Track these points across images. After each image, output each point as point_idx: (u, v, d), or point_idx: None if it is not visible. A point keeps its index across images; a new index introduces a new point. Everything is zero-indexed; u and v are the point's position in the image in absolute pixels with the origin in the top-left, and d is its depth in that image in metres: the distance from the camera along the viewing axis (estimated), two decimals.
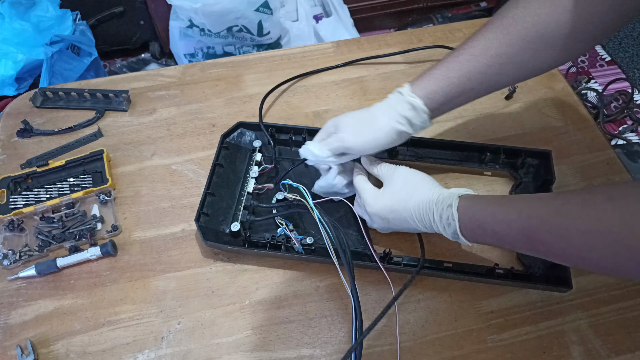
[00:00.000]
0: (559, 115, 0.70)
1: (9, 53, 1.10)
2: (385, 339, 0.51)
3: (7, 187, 0.62)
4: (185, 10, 1.22)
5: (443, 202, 0.47)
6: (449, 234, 0.47)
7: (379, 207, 0.51)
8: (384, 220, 0.52)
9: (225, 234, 0.57)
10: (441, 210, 0.47)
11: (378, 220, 0.52)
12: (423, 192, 0.49)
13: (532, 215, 0.40)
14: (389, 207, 0.50)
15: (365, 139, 0.51)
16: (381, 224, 0.53)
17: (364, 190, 0.53)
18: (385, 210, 0.51)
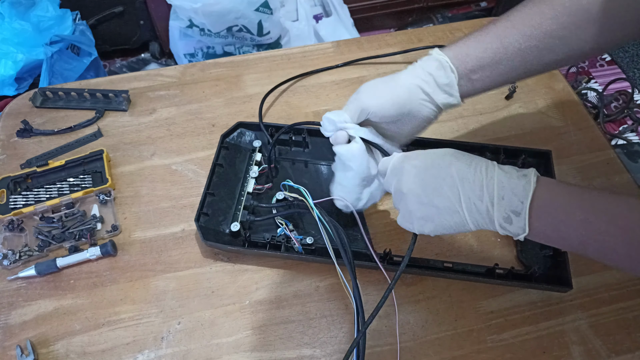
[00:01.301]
0: (559, 115, 0.70)
1: (8, 53, 1.09)
2: (386, 339, 0.51)
3: (7, 187, 0.61)
4: (185, 10, 1.22)
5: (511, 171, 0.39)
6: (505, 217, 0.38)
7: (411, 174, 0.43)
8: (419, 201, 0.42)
9: (225, 234, 0.57)
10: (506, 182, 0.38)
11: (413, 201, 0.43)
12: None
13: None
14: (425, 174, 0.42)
15: (383, 96, 0.46)
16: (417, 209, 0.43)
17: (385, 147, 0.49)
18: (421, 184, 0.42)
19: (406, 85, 0.46)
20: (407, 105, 0.47)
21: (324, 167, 0.63)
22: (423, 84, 0.46)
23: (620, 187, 0.62)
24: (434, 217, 0.42)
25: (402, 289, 0.54)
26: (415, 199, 0.42)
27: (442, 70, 0.46)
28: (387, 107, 0.46)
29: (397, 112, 0.47)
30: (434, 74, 0.46)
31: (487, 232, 0.59)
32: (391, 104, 0.46)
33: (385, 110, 0.47)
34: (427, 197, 0.41)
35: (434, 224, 0.42)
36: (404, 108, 0.47)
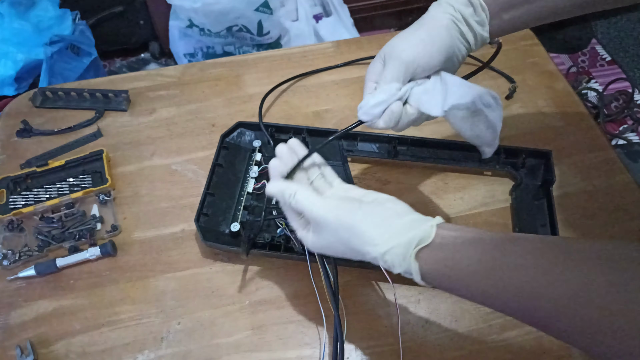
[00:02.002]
0: (559, 115, 0.70)
1: (8, 53, 1.09)
2: (386, 339, 0.51)
3: (6, 187, 0.61)
4: (185, 10, 1.22)
5: (394, 257, 0.36)
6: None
7: (315, 250, 0.42)
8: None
9: (225, 234, 0.57)
10: (392, 263, 0.36)
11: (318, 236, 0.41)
12: (359, 245, 0.38)
13: (538, 289, 0.29)
14: (329, 253, 0.42)
15: (427, 43, 0.41)
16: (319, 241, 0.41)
17: (292, 225, 0.43)
18: (326, 253, 0.42)
19: (444, 24, 0.41)
20: (451, 47, 0.42)
21: None
22: (457, 22, 0.42)
23: (621, 187, 0.62)
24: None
25: (403, 289, 0.54)
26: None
27: (472, 7, 0.42)
28: (434, 55, 0.41)
29: (444, 57, 0.41)
30: (463, 11, 0.42)
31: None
32: (437, 48, 0.41)
33: (434, 58, 0.41)
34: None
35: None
36: (449, 50, 0.42)
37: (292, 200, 0.41)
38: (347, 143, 0.65)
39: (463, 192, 0.62)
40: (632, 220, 0.59)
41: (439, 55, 0.41)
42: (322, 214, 0.39)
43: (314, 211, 0.39)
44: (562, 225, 0.57)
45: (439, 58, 0.42)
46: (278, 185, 0.42)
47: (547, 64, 0.77)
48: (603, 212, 0.60)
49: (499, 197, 0.62)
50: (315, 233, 0.41)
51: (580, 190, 0.62)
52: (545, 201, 0.59)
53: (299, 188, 0.41)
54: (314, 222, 0.40)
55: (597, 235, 0.58)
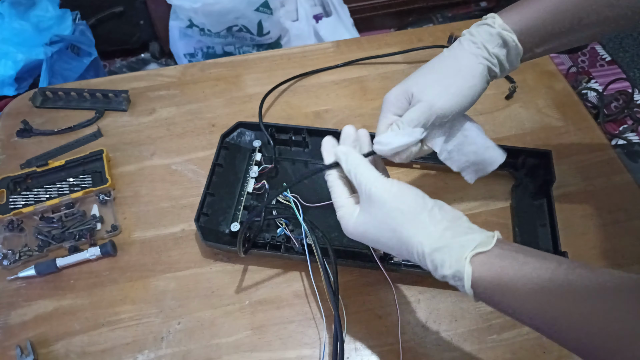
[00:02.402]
0: (559, 115, 0.70)
1: (8, 53, 1.09)
2: (386, 339, 0.51)
3: (6, 187, 0.61)
4: (185, 10, 1.22)
5: (446, 255, 0.34)
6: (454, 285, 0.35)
7: (354, 235, 0.39)
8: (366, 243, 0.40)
9: (225, 234, 0.57)
10: (442, 262, 0.34)
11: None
12: (410, 235, 0.35)
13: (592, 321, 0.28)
14: (366, 239, 0.39)
15: (456, 92, 0.40)
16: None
17: (336, 202, 0.41)
18: (363, 241, 0.39)
19: (479, 71, 0.40)
20: (481, 93, 0.41)
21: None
22: (490, 66, 0.41)
23: (621, 187, 0.62)
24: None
25: (403, 289, 0.54)
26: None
27: (506, 47, 0.41)
28: (466, 106, 0.41)
29: (470, 104, 0.41)
30: (498, 54, 0.40)
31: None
32: (470, 100, 0.41)
33: (464, 109, 0.41)
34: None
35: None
36: (477, 97, 0.41)
37: (355, 170, 0.39)
38: None
39: (463, 192, 0.62)
40: (632, 220, 0.59)
41: (469, 104, 0.41)
42: (381, 190, 0.37)
43: (374, 185, 0.37)
44: (562, 225, 0.57)
45: (465, 106, 0.41)
46: (348, 149, 0.40)
47: (547, 64, 0.77)
48: (603, 212, 0.60)
49: (499, 197, 0.62)
50: (364, 212, 0.38)
51: (580, 190, 0.62)
52: (545, 201, 0.59)
53: (365, 162, 0.39)
54: (368, 199, 0.37)
55: (597, 235, 0.58)
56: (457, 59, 0.41)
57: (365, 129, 0.45)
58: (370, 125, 0.69)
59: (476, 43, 0.41)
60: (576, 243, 0.57)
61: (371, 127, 0.69)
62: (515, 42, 0.41)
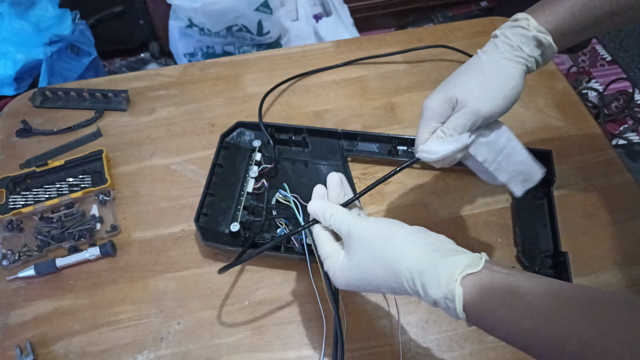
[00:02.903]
0: (559, 115, 0.70)
1: (8, 53, 1.09)
2: (386, 340, 0.51)
3: (6, 187, 0.61)
4: (184, 10, 1.22)
5: (434, 277, 0.33)
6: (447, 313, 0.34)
7: (342, 282, 0.38)
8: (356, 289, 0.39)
9: (224, 234, 0.57)
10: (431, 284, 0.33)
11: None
12: (396, 261, 0.35)
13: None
14: (356, 282, 0.38)
15: (497, 97, 0.41)
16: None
17: (321, 254, 0.41)
18: (354, 286, 0.38)
19: (518, 74, 0.42)
20: (519, 94, 0.42)
21: (324, 167, 0.63)
22: (528, 66, 0.42)
23: (621, 187, 0.62)
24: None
25: None
26: None
27: (541, 47, 0.42)
28: (502, 107, 0.42)
29: (512, 106, 0.42)
30: (535, 55, 0.42)
31: (488, 233, 0.58)
32: (511, 102, 0.42)
33: (501, 109, 0.42)
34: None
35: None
36: (518, 98, 0.43)
37: (332, 219, 0.39)
38: (347, 143, 0.65)
39: (463, 192, 0.62)
40: (632, 220, 0.59)
41: (505, 106, 0.42)
42: (359, 226, 0.37)
43: (353, 224, 0.38)
44: (562, 225, 0.57)
45: (505, 108, 0.42)
46: (321, 203, 0.41)
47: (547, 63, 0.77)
48: (603, 212, 0.60)
49: (499, 197, 0.62)
50: (347, 254, 0.38)
51: (580, 190, 0.62)
52: (545, 201, 0.59)
53: (340, 208, 0.40)
54: (348, 240, 0.38)
55: (597, 235, 0.58)
56: (497, 64, 0.42)
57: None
58: (369, 125, 0.69)
59: (513, 46, 0.42)
60: (576, 243, 0.57)
61: (371, 126, 0.69)
62: (550, 42, 0.42)
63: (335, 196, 0.42)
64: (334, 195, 0.42)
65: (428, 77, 0.75)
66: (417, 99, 0.72)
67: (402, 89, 0.74)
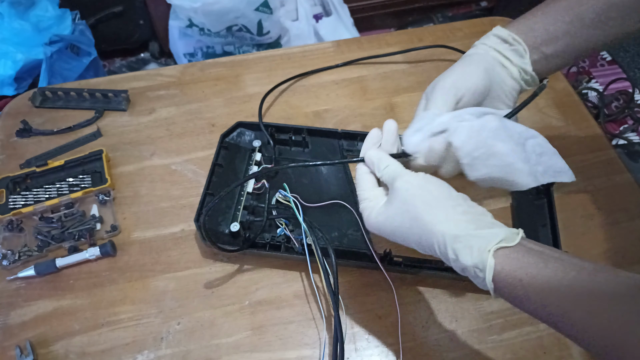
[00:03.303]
0: (559, 115, 0.70)
1: (8, 53, 1.09)
2: (386, 339, 0.51)
3: (6, 187, 0.61)
4: (184, 10, 1.22)
5: (468, 245, 0.33)
6: (474, 281, 0.35)
7: (374, 227, 0.40)
8: (386, 237, 0.40)
9: (224, 234, 0.57)
10: (464, 252, 0.34)
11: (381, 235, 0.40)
12: (432, 223, 0.35)
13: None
14: (386, 231, 0.39)
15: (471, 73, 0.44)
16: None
17: (360, 194, 0.42)
18: (383, 233, 0.39)
19: (479, 53, 0.45)
20: (489, 69, 0.44)
21: (324, 167, 0.63)
22: (492, 52, 0.45)
23: (621, 187, 0.62)
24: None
25: (403, 289, 0.54)
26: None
27: (506, 43, 0.45)
28: (477, 82, 0.43)
29: (483, 78, 0.44)
30: (497, 47, 0.45)
31: None
32: (474, 69, 0.44)
33: (477, 85, 0.43)
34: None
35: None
36: (489, 73, 0.44)
37: (386, 170, 0.40)
38: (347, 143, 0.65)
39: (463, 191, 0.62)
40: (632, 220, 0.59)
41: (481, 82, 0.43)
42: (406, 180, 0.38)
43: (400, 175, 0.38)
44: (562, 225, 0.57)
45: (477, 78, 0.43)
46: (378, 153, 0.42)
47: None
48: (603, 212, 0.60)
49: (499, 197, 0.62)
50: (387, 203, 0.39)
51: (580, 190, 0.62)
52: (545, 201, 0.59)
53: (393, 160, 0.41)
54: (392, 190, 0.38)
55: (597, 235, 0.58)
56: (463, 58, 0.47)
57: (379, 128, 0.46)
58: (369, 125, 0.69)
59: (476, 45, 0.48)
60: (577, 243, 0.57)
61: (371, 126, 0.68)
62: (513, 36, 0.44)
63: (391, 143, 0.43)
64: (390, 142, 0.43)
65: (428, 77, 0.75)
66: (417, 99, 0.72)
67: (402, 89, 0.74)
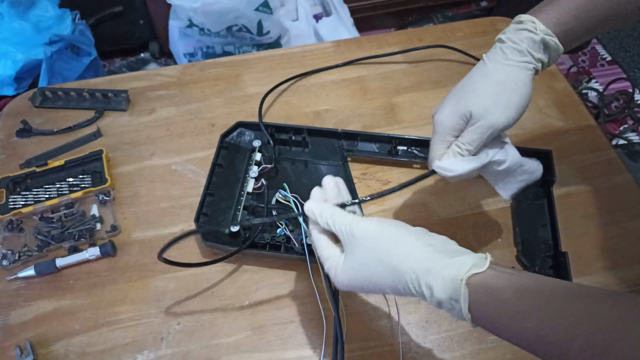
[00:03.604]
0: (559, 115, 0.70)
1: (8, 53, 1.09)
2: (386, 340, 0.51)
3: (6, 187, 0.61)
4: (184, 10, 1.22)
5: (439, 278, 0.33)
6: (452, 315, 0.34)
7: (344, 284, 0.38)
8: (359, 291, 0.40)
9: (225, 234, 0.57)
10: (437, 285, 0.33)
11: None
12: (400, 262, 0.34)
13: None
14: (357, 284, 0.37)
15: (516, 107, 0.41)
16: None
17: (321, 255, 0.40)
18: (356, 287, 0.38)
19: (528, 81, 0.41)
20: (529, 101, 0.42)
21: (324, 167, 0.63)
22: (536, 69, 0.42)
23: (621, 187, 0.62)
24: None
25: None
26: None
27: (548, 50, 0.42)
28: (516, 116, 0.41)
29: (522, 113, 0.42)
30: (542, 58, 0.42)
31: (488, 233, 0.58)
32: (520, 110, 0.42)
33: (515, 119, 0.42)
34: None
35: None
36: (527, 105, 0.42)
37: (330, 219, 0.39)
38: (347, 143, 0.65)
39: (463, 192, 0.62)
40: (632, 220, 0.59)
41: (519, 114, 0.42)
42: (362, 227, 0.37)
43: (355, 225, 0.37)
44: (562, 225, 0.57)
45: (518, 117, 0.42)
46: (318, 204, 0.41)
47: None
48: (603, 212, 0.60)
49: (499, 197, 0.61)
50: (349, 255, 0.37)
51: (580, 190, 0.62)
52: (545, 201, 0.59)
53: (338, 209, 0.40)
54: (350, 241, 0.37)
55: (597, 235, 0.58)
56: (506, 71, 0.42)
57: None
58: (369, 125, 0.69)
59: (522, 51, 0.41)
60: (576, 243, 0.57)
61: (371, 126, 0.69)
62: (557, 44, 0.41)
63: (332, 198, 0.42)
64: (331, 197, 0.42)
65: (428, 77, 0.75)
66: (417, 99, 0.72)
67: (402, 89, 0.74)
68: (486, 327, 0.33)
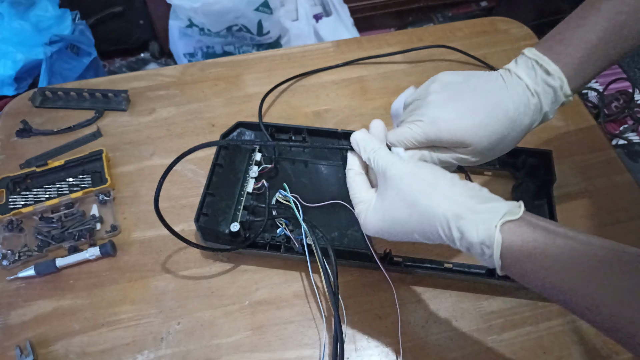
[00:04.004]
0: (559, 115, 0.70)
1: (8, 53, 1.09)
2: (386, 339, 0.51)
3: (6, 187, 0.61)
4: (184, 10, 1.22)
5: (472, 222, 0.32)
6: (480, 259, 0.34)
7: (372, 228, 0.38)
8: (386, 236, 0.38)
9: (225, 234, 0.57)
10: (469, 229, 0.32)
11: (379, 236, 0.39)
12: (432, 206, 0.33)
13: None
14: (385, 227, 0.37)
15: (479, 118, 0.37)
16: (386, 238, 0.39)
17: (354, 198, 0.40)
18: (383, 231, 0.37)
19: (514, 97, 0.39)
20: (516, 138, 0.39)
21: (324, 167, 0.63)
22: (531, 98, 0.39)
23: (621, 187, 0.62)
24: None
25: (403, 289, 0.54)
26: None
27: (560, 91, 0.40)
28: (493, 143, 0.38)
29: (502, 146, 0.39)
30: (550, 103, 0.40)
31: None
32: (501, 137, 0.38)
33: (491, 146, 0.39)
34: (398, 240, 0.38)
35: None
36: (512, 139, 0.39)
37: (372, 154, 0.38)
38: (347, 143, 0.64)
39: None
40: (632, 220, 0.59)
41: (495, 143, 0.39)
42: (397, 167, 0.36)
43: (391, 164, 0.36)
44: None
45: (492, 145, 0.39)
46: (365, 135, 0.40)
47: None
48: (603, 212, 0.60)
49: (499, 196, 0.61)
50: (381, 197, 0.36)
51: (580, 190, 0.62)
52: (545, 201, 0.59)
53: (384, 146, 0.39)
54: (384, 180, 0.36)
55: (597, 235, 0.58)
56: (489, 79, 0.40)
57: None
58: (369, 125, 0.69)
59: (526, 82, 0.39)
60: None
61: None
62: (564, 83, 0.39)
63: (380, 139, 0.41)
64: (379, 138, 0.42)
65: (428, 77, 0.75)
66: None
67: (402, 89, 0.73)
68: (515, 275, 0.32)
